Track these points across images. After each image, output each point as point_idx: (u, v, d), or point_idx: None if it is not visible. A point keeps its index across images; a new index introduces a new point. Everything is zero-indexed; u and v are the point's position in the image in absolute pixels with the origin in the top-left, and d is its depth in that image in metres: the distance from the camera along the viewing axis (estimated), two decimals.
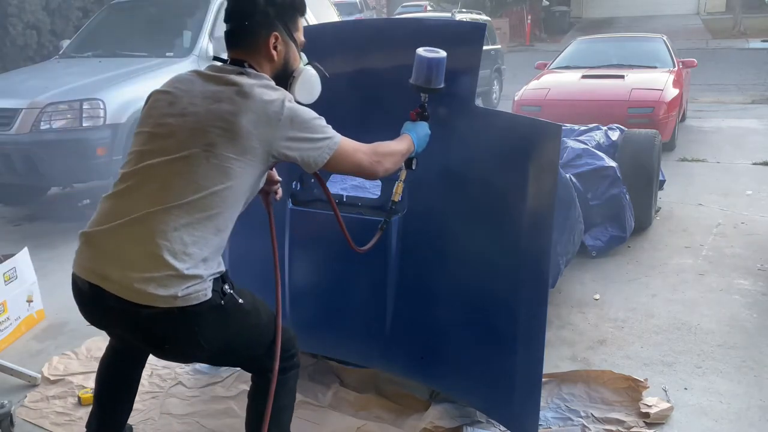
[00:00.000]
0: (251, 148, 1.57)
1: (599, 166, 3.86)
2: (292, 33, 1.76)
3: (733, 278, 3.54)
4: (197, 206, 1.54)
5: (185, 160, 1.55)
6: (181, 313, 1.52)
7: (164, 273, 1.49)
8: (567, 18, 24.41)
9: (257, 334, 1.76)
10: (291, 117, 1.59)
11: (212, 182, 1.54)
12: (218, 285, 1.60)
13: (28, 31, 8.93)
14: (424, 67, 1.98)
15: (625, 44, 8.30)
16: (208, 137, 1.55)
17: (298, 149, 1.62)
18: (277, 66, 1.74)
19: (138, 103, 4.81)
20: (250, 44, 1.70)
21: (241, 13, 1.70)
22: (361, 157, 1.74)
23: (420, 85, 2.00)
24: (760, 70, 13.16)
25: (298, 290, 2.47)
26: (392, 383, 2.48)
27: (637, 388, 2.41)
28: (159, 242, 1.50)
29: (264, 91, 1.61)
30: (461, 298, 2.17)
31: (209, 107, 1.58)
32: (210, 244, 1.57)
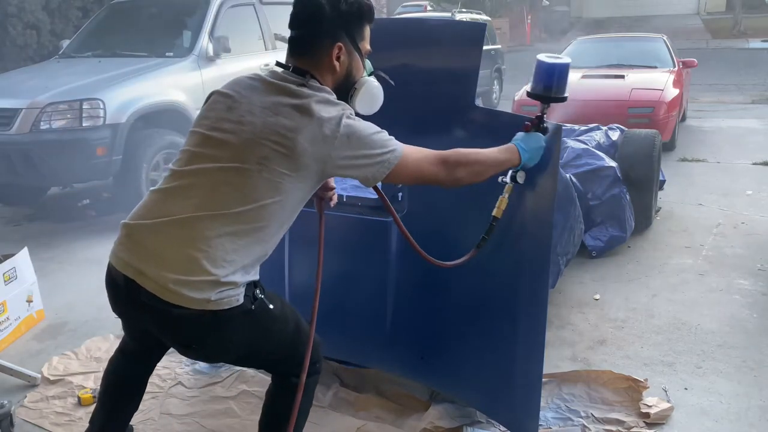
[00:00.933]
0: (305, 166, 1.54)
1: (599, 166, 3.87)
2: (358, 43, 1.69)
3: (733, 278, 3.54)
4: (244, 218, 1.52)
5: (237, 171, 1.53)
6: (213, 316, 1.53)
7: (201, 278, 1.49)
8: (567, 18, 24.44)
9: (283, 340, 1.76)
10: (348, 134, 1.55)
11: (262, 196, 1.52)
12: (250, 290, 1.59)
13: (28, 31, 8.93)
14: (544, 73, 1.86)
15: (625, 44, 8.30)
16: (263, 151, 1.52)
17: (355, 167, 1.58)
18: (340, 77, 1.69)
19: (138, 103, 4.83)
20: (314, 54, 1.65)
21: (306, 20, 1.65)
22: (426, 167, 1.67)
23: (540, 93, 1.88)
24: (760, 70, 13.16)
25: (298, 290, 2.47)
26: (392, 383, 2.48)
27: (637, 388, 2.41)
28: (200, 247, 1.50)
29: (323, 107, 1.57)
30: (461, 299, 2.17)
31: (267, 119, 1.55)
32: (251, 253, 1.56)
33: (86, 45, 6.03)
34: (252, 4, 6.23)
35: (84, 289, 3.64)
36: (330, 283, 2.42)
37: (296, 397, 1.76)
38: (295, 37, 1.68)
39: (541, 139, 1.88)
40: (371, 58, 1.81)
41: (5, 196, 5.52)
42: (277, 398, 1.84)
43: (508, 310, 2.06)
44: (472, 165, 1.73)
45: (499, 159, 1.78)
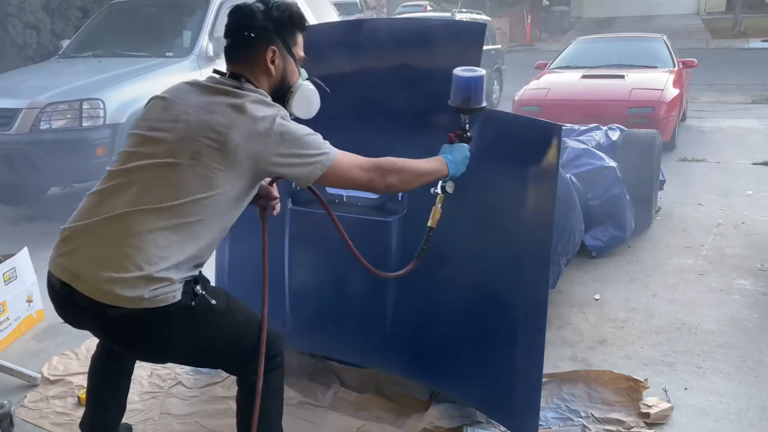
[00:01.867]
0: (239, 161, 1.57)
1: (599, 166, 3.86)
2: (291, 48, 1.76)
3: (733, 278, 3.54)
4: (175, 212, 1.54)
5: (170, 166, 1.56)
6: (148, 314, 1.52)
7: (133, 274, 1.49)
8: (567, 18, 24.41)
9: (233, 336, 1.75)
10: (281, 133, 1.59)
11: (194, 190, 1.55)
12: (189, 287, 1.59)
13: (28, 31, 8.92)
14: (462, 87, 1.92)
15: (625, 44, 8.29)
16: (196, 146, 1.56)
17: (288, 165, 1.62)
18: (275, 81, 1.75)
19: (138, 103, 4.81)
20: (248, 58, 1.71)
21: (239, 27, 1.71)
22: (358, 173, 1.72)
23: (458, 106, 1.95)
24: (760, 70, 13.15)
25: (298, 290, 2.47)
26: (392, 383, 2.48)
27: (637, 388, 2.41)
28: (132, 243, 1.51)
29: (257, 106, 1.61)
30: (461, 298, 2.17)
31: (201, 117, 1.59)
32: (185, 250, 1.56)
33: (86, 45, 6.03)
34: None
35: None
36: (330, 283, 2.43)
37: (256, 396, 1.76)
38: (231, 44, 1.74)
39: (465, 149, 1.95)
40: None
41: (5, 196, 5.51)
42: (242, 399, 1.84)
43: (508, 310, 2.06)
44: (403, 173, 1.79)
45: (428, 169, 1.85)
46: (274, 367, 1.84)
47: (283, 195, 2.42)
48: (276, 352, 1.85)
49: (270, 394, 1.83)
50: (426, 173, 1.85)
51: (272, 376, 1.83)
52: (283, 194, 2.42)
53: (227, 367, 1.89)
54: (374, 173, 1.74)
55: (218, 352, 1.76)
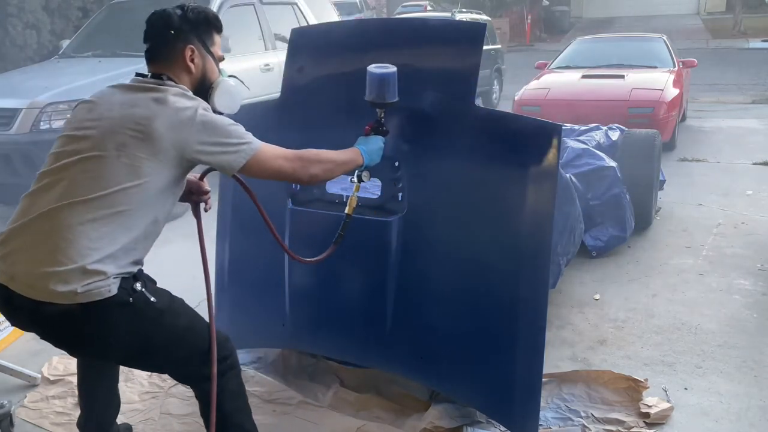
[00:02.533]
0: (164, 150, 1.60)
1: (599, 166, 3.86)
2: (209, 47, 1.83)
3: (733, 278, 3.54)
4: (104, 202, 1.57)
5: (96, 159, 1.59)
6: (84, 310, 1.53)
7: (66, 267, 1.51)
8: (567, 18, 24.41)
9: (176, 337, 1.74)
10: (204, 122, 1.64)
11: (120, 180, 1.58)
12: (128, 283, 1.61)
13: (28, 31, 8.92)
14: (376, 82, 2.03)
15: (625, 44, 8.29)
16: (121, 138, 1.59)
17: (212, 153, 1.65)
18: (196, 78, 1.80)
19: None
20: (168, 57, 1.77)
21: (157, 29, 1.78)
22: (282, 163, 1.76)
23: (373, 100, 2.05)
24: (760, 70, 13.15)
25: (298, 290, 2.47)
26: (392, 383, 2.48)
27: (637, 388, 2.41)
28: (64, 236, 1.53)
29: (179, 98, 1.67)
30: (461, 298, 2.17)
31: (125, 112, 1.64)
32: (117, 241, 1.58)
33: (86, 45, 6.03)
34: (252, 4, 6.22)
35: None
36: (330, 283, 2.43)
37: (211, 401, 1.76)
38: (150, 47, 1.80)
39: (379, 140, 2.05)
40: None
41: (5, 196, 5.51)
42: (201, 406, 1.84)
43: (508, 310, 2.06)
44: (324, 163, 1.86)
45: (345, 159, 1.93)
46: (227, 369, 1.83)
47: (283, 195, 2.42)
48: (225, 354, 1.84)
49: (228, 397, 1.83)
50: (344, 163, 1.93)
51: (226, 379, 1.82)
52: (283, 194, 2.42)
53: (174, 373, 1.87)
54: (298, 163, 1.79)
55: (161, 353, 1.75)
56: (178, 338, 1.75)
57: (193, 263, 1.73)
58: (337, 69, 2.44)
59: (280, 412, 2.40)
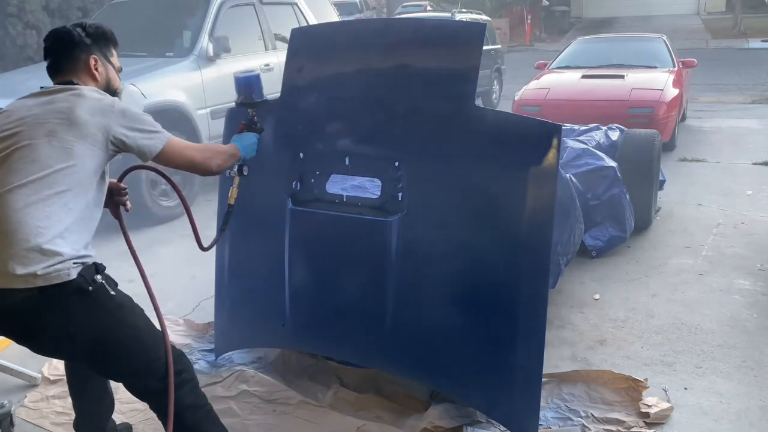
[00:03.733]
0: (91, 134, 1.71)
1: (599, 166, 3.86)
2: (109, 58, 1.98)
3: (733, 278, 3.54)
4: (43, 183, 1.63)
5: (29, 147, 1.66)
6: (43, 296, 1.57)
7: (21, 248, 1.55)
8: (567, 18, 24.42)
9: (132, 337, 1.76)
10: (122, 110, 1.78)
11: (55, 161, 1.65)
12: (89, 272, 1.65)
13: (28, 31, 8.92)
14: (242, 86, 2.27)
15: (625, 44, 8.29)
16: (48, 126, 1.69)
17: (133, 137, 1.78)
18: (101, 84, 1.93)
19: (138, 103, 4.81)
20: (74, 67, 1.89)
21: (60, 43, 1.89)
22: (193, 153, 1.92)
23: (243, 101, 2.27)
24: (760, 70, 13.16)
25: (298, 290, 2.47)
26: (392, 383, 2.48)
27: (637, 388, 2.41)
28: (12, 219, 1.58)
29: (93, 92, 1.80)
30: (461, 298, 2.17)
31: (45, 107, 1.73)
32: (62, 221, 1.63)
33: None
34: (252, 4, 6.22)
35: None
36: (330, 283, 2.43)
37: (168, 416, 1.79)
38: (53, 61, 1.90)
39: (253, 136, 2.24)
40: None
41: None
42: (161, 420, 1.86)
43: (508, 310, 2.06)
44: (223, 155, 2.05)
45: (232, 152, 2.12)
46: (182, 383, 1.86)
47: (283, 195, 2.42)
48: (180, 368, 1.86)
49: (187, 411, 1.85)
50: (232, 156, 2.10)
51: (182, 393, 1.85)
52: (283, 194, 2.42)
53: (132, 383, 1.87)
54: (207, 154, 1.97)
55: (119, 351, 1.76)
56: (135, 338, 1.78)
57: (192, 263, 1.73)
58: (337, 69, 2.44)
59: (280, 412, 2.40)
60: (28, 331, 1.68)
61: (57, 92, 1.78)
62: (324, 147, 2.42)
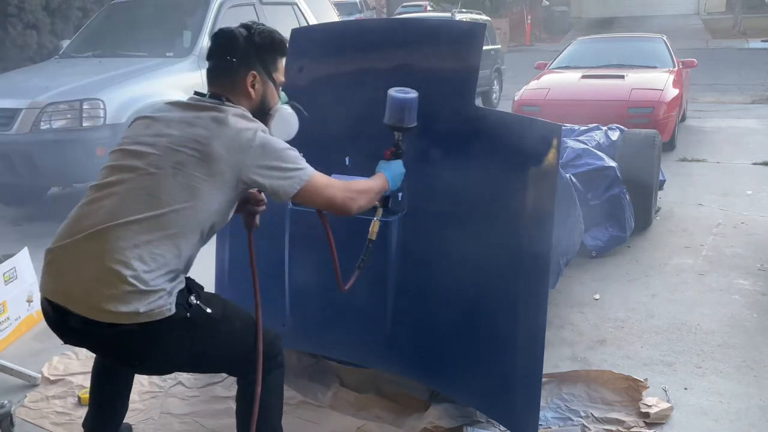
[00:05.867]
0: (221, 172, 1.59)
1: (599, 166, 3.86)
2: (271, 73, 1.82)
3: (733, 278, 3.54)
4: (158, 223, 1.55)
5: (152, 176, 1.58)
6: (145, 329, 1.52)
7: (124, 289, 1.49)
8: (567, 18, 24.46)
9: (232, 341, 1.76)
10: (263, 144, 1.63)
11: (175, 199, 1.56)
12: (183, 297, 1.59)
13: (28, 31, 8.91)
14: (397, 107, 2.02)
15: (625, 44, 8.29)
16: (179, 156, 1.59)
17: (269, 177, 1.64)
18: (255, 103, 1.80)
19: (138, 103, 4.81)
20: (229, 81, 1.77)
21: (222, 50, 1.77)
22: (334, 192, 1.75)
23: (393, 124, 2.04)
24: (760, 70, 13.16)
25: (298, 290, 2.47)
26: (392, 383, 2.48)
27: (637, 388, 2.41)
28: (117, 258, 1.50)
29: (239, 120, 1.66)
30: (461, 298, 2.17)
31: (184, 130, 1.63)
32: (169, 264, 1.56)
33: (86, 45, 6.02)
34: (252, 4, 6.22)
35: None
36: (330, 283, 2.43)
37: (255, 397, 1.76)
38: (212, 66, 1.80)
39: (400, 165, 2.04)
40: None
41: (5, 196, 5.52)
42: (242, 399, 1.84)
43: (508, 310, 2.06)
44: (368, 193, 1.87)
45: (379, 186, 1.94)
46: (275, 367, 1.85)
47: None
48: (275, 352, 1.85)
49: (270, 394, 1.83)
50: (378, 191, 1.94)
51: (272, 376, 1.84)
52: None
53: (228, 370, 1.90)
54: (348, 194, 1.79)
55: (217, 358, 1.77)
56: (233, 342, 1.76)
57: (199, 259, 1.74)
58: (337, 69, 2.44)
59: None
60: (129, 359, 1.67)
61: (202, 110, 1.68)
62: (324, 147, 2.42)
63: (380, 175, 1.97)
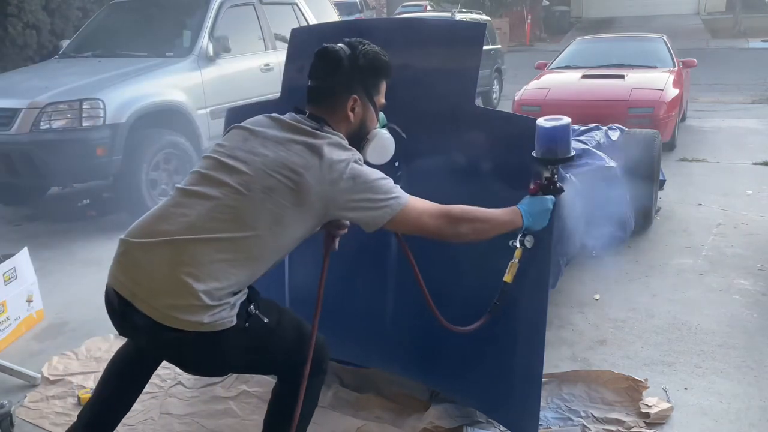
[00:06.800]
0: (309, 203, 1.59)
1: (599, 166, 3.85)
2: (372, 96, 1.78)
3: (733, 278, 3.54)
4: (237, 245, 1.54)
5: (241, 197, 1.57)
6: (205, 337, 1.53)
7: (192, 302, 1.50)
8: (567, 18, 24.43)
9: (283, 348, 1.77)
10: (354, 177, 1.61)
11: (260, 224, 1.56)
12: (243, 307, 1.60)
13: (28, 31, 8.92)
14: (545, 137, 1.86)
15: (625, 44, 8.29)
16: (270, 181, 1.57)
17: (358, 209, 1.63)
18: (353, 127, 1.76)
19: (138, 103, 4.82)
20: (330, 103, 1.74)
21: (325, 72, 1.74)
22: (426, 220, 1.70)
23: (543, 156, 1.86)
24: (760, 70, 13.15)
25: (298, 290, 2.47)
26: (392, 383, 2.48)
27: (637, 388, 2.41)
28: (191, 272, 1.50)
29: (333, 149, 1.63)
30: (461, 298, 2.17)
31: (279, 153, 1.61)
32: (240, 283, 1.58)
33: (86, 45, 6.03)
34: (252, 4, 6.23)
35: (84, 289, 3.65)
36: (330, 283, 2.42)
37: (299, 397, 1.76)
38: (314, 86, 1.76)
39: (547, 201, 1.87)
40: None
41: (5, 196, 5.52)
42: (281, 398, 1.84)
43: (508, 310, 2.06)
44: (474, 222, 1.75)
45: (501, 220, 1.80)
46: (319, 372, 1.85)
47: None
48: (323, 358, 1.85)
49: (310, 398, 1.83)
50: (500, 225, 1.80)
51: (316, 381, 1.84)
52: None
53: (274, 373, 1.91)
54: (443, 220, 1.71)
55: (270, 363, 1.80)
56: (285, 350, 1.77)
57: None
58: None
59: None
60: (185, 362, 1.70)
61: (299, 133, 1.65)
62: None
63: (512, 209, 1.83)
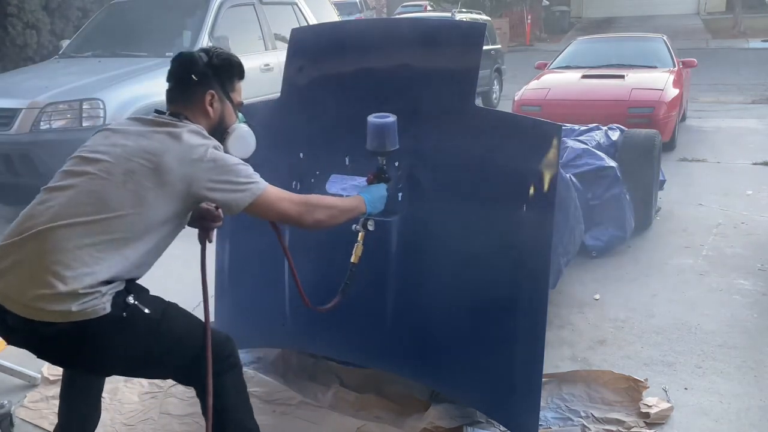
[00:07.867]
0: (170, 183, 1.62)
1: (599, 166, 3.86)
2: (229, 93, 1.88)
3: (733, 278, 3.54)
4: (101, 227, 1.56)
5: (102, 181, 1.60)
6: (78, 328, 1.52)
7: (59, 290, 1.49)
8: (567, 18, 24.42)
9: (174, 343, 1.73)
10: (214, 159, 1.66)
11: (122, 205, 1.58)
12: (120, 297, 1.59)
13: (28, 31, 8.92)
14: (375, 132, 2.05)
15: (625, 44, 8.29)
16: (131, 164, 1.62)
17: (220, 191, 1.67)
18: (213, 122, 1.84)
19: (138, 103, 4.81)
20: (188, 99, 1.82)
21: (181, 71, 1.84)
22: (287, 206, 1.77)
23: (374, 149, 2.07)
24: (760, 70, 13.14)
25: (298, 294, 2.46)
26: (392, 383, 2.48)
27: (637, 388, 2.41)
28: (58, 259, 1.51)
29: (193, 135, 1.70)
30: (461, 298, 2.17)
31: (139, 142, 1.67)
32: (113, 268, 1.56)
33: (86, 45, 6.03)
34: (252, 4, 6.23)
35: None
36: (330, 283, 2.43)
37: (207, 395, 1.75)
38: (172, 87, 1.86)
39: (382, 188, 2.07)
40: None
41: (5, 196, 5.51)
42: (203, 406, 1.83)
43: (508, 310, 2.06)
44: (330, 209, 1.88)
45: (349, 206, 1.96)
46: (228, 368, 1.83)
47: None
48: (227, 353, 1.83)
49: (229, 396, 1.82)
50: (348, 210, 1.95)
51: (227, 377, 1.82)
52: None
53: (178, 377, 1.86)
54: (303, 207, 1.80)
55: (162, 360, 1.74)
56: (177, 345, 1.74)
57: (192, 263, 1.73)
58: (336, 69, 2.44)
59: (280, 412, 2.40)
60: (66, 359, 1.68)
61: (160, 125, 1.72)
62: (324, 147, 2.42)
63: (356, 197, 2.00)
